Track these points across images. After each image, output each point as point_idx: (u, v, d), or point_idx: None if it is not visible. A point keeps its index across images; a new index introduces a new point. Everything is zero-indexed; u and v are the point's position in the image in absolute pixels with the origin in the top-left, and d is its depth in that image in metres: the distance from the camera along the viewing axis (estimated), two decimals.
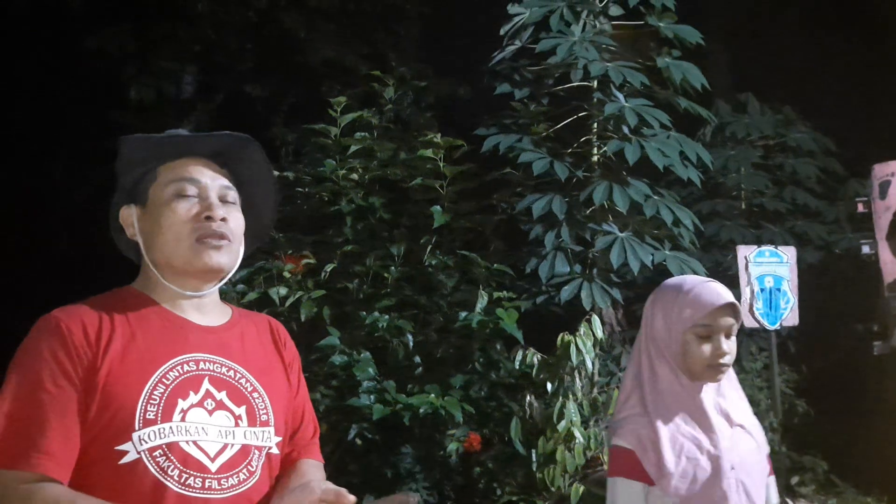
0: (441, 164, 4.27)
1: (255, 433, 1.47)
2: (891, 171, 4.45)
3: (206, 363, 1.47)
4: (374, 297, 4.09)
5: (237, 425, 1.45)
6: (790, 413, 5.41)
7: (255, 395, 1.51)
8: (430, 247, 4.24)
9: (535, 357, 3.79)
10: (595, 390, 3.96)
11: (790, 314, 4.66)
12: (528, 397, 3.80)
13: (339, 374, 3.84)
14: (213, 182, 1.52)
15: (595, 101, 4.49)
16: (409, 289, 4.22)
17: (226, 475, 1.41)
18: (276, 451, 1.51)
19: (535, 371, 3.78)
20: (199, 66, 8.82)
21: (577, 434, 3.64)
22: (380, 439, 3.82)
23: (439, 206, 4.21)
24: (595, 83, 4.47)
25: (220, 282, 1.55)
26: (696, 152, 4.44)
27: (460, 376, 3.92)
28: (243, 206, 1.58)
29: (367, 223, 4.35)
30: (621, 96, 4.36)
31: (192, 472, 1.37)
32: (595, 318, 3.76)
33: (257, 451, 1.47)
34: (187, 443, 1.38)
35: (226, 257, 1.50)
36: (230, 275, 1.55)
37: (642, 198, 4.21)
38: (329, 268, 4.07)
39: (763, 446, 1.92)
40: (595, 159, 4.57)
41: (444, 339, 4.14)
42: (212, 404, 1.44)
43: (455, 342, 4.12)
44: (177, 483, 1.36)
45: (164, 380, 1.41)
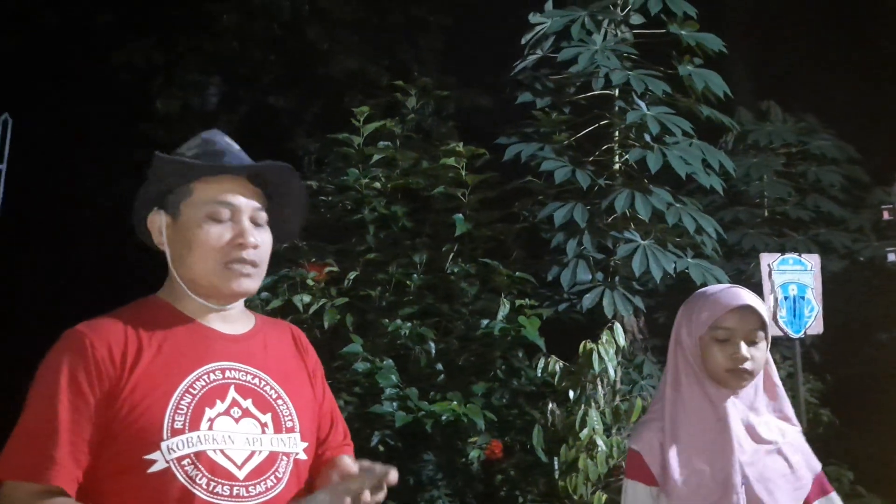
0: (463, 172, 4.30)
1: (281, 440, 1.49)
2: None
3: (232, 371, 1.49)
4: (397, 305, 4.11)
5: (263, 432, 1.47)
6: (814, 422, 5.36)
7: (280, 401, 1.52)
8: (451, 255, 4.26)
9: (556, 365, 3.79)
10: (617, 398, 3.94)
11: (814, 323, 4.61)
12: (550, 405, 3.80)
13: (361, 381, 3.86)
14: (247, 205, 1.53)
15: (617, 109, 4.49)
16: (431, 297, 4.23)
17: (253, 482, 1.42)
18: (303, 456, 1.53)
19: (557, 379, 3.78)
20: (223, 79, 8.93)
21: (600, 442, 3.63)
22: (402, 446, 3.83)
23: (461, 215, 4.23)
24: (616, 91, 4.47)
25: (241, 301, 1.58)
26: (718, 160, 4.43)
27: (482, 384, 3.92)
28: (271, 219, 1.58)
29: (389, 231, 4.38)
30: (643, 104, 4.36)
31: (219, 479, 1.39)
32: (617, 326, 3.75)
33: (284, 457, 1.48)
34: (214, 451, 1.40)
35: (254, 283, 1.53)
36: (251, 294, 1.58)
37: (664, 206, 4.21)
38: (352, 276, 4.11)
39: (800, 468, 1.85)
40: (617, 167, 4.57)
41: (466, 347, 4.15)
42: (238, 412, 1.46)
43: (477, 350, 4.13)
44: (205, 491, 1.38)
45: (191, 389, 1.43)
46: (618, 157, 4.59)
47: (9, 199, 9.55)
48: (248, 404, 1.47)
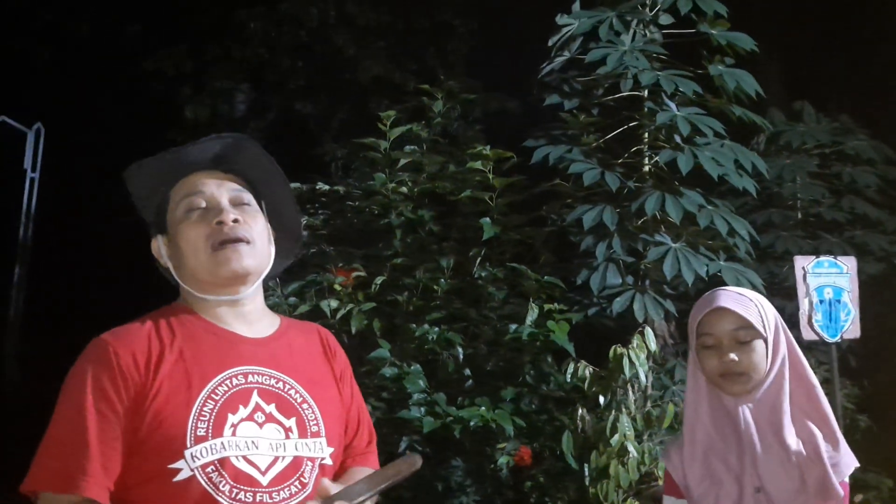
0: (490, 176, 4.27)
1: (306, 444, 1.46)
2: None
3: (255, 375, 1.47)
4: (424, 310, 4.09)
5: (287, 437, 1.45)
6: (852, 429, 5.24)
7: (305, 405, 1.50)
8: (479, 259, 4.23)
9: (586, 370, 3.74)
10: (648, 404, 3.89)
11: (851, 327, 4.50)
12: (580, 411, 3.75)
13: (389, 386, 3.85)
14: (220, 188, 1.52)
15: (646, 110, 4.43)
16: (459, 301, 4.21)
17: (277, 488, 1.40)
18: (329, 461, 1.50)
19: (587, 384, 3.73)
20: (251, 85, 9.01)
21: (631, 448, 3.57)
22: (430, 452, 3.81)
23: (488, 219, 4.20)
24: (646, 92, 4.42)
25: (255, 284, 1.53)
26: (751, 161, 4.34)
27: (511, 389, 3.88)
28: (267, 206, 1.58)
29: (416, 236, 4.36)
30: (673, 105, 4.30)
31: (243, 486, 1.38)
32: (648, 331, 3.70)
33: (310, 462, 1.46)
34: (237, 457, 1.38)
35: (249, 259, 1.49)
36: (264, 275, 1.53)
37: (696, 208, 4.13)
38: (379, 280, 4.09)
39: (815, 477, 1.73)
40: (646, 169, 4.51)
41: (494, 352, 4.12)
42: (262, 417, 1.44)
43: (505, 355, 4.09)
44: (228, 498, 1.36)
45: (213, 395, 1.41)
46: (647, 158, 4.52)
47: (41, 207, 9.70)
48: (271, 409, 1.45)
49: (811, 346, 5.14)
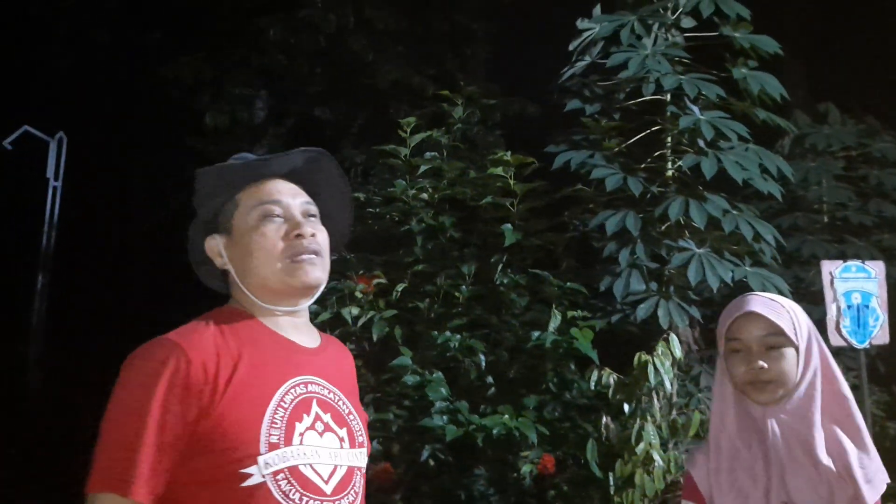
0: (511, 181, 4.24)
1: (355, 454, 1.50)
2: None
3: (312, 385, 1.48)
4: (446, 317, 4.06)
5: (341, 447, 1.47)
6: (881, 436, 5.16)
7: (351, 417, 1.53)
8: (500, 265, 4.20)
9: (611, 377, 3.70)
10: (674, 412, 3.83)
11: (880, 332, 4.43)
12: (605, 419, 3.70)
13: (411, 394, 3.82)
14: (295, 199, 1.54)
15: (669, 114, 4.39)
16: (481, 308, 4.18)
17: (338, 497, 1.43)
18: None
19: (611, 392, 3.68)
20: (270, 92, 9.03)
21: (657, 457, 3.52)
22: (453, 461, 3.78)
23: (510, 225, 4.17)
24: (668, 96, 4.37)
25: (314, 297, 1.55)
26: (776, 165, 4.28)
27: (533, 397, 3.84)
28: (321, 214, 1.59)
29: (437, 242, 4.34)
30: (696, 109, 4.25)
31: (311, 494, 1.39)
32: (673, 337, 3.64)
33: (358, 472, 1.49)
34: (305, 466, 1.40)
35: (320, 271, 1.51)
36: (322, 288, 1.55)
37: (720, 213, 4.08)
38: (400, 287, 4.07)
39: (845, 495, 1.67)
40: (669, 174, 4.46)
41: (517, 359, 4.08)
42: (321, 426, 1.45)
43: (527, 362, 4.06)
44: None
45: (282, 403, 1.42)
46: (670, 163, 4.48)
47: (64, 215, 9.79)
48: (328, 419, 1.47)
49: (839, 351, 5.06)
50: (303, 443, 1.41)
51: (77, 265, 9.65)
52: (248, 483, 1.35)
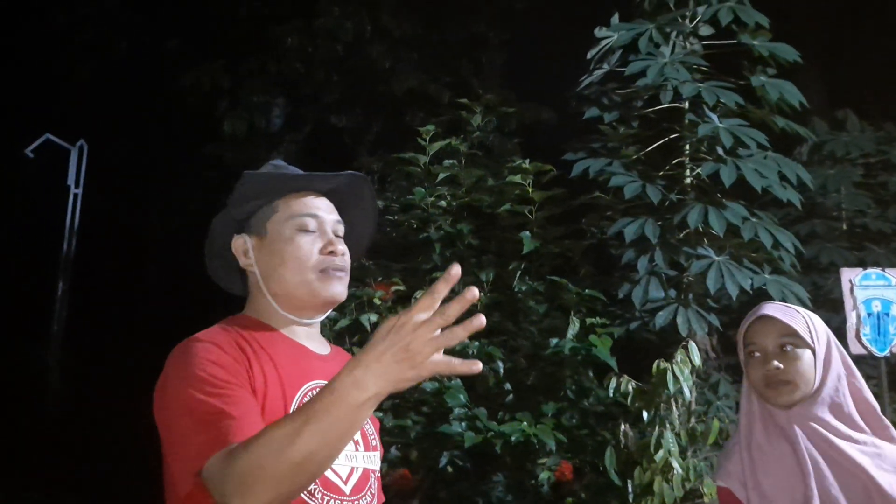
0: (529, 189, 4.25)
1: (370, 457, 1.53)
2: None
3: None
4: None
5: (356, 450, 1.50)
6: None
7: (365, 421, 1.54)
8: (519, 273, 4.21)
9: (629, 385, 3.70)
10: (693, 419, 3.83)
11: None
12: (623, 426, 3.70)
13: (429, 400, 3.83)
14: (329, 217, 1.58)
15: (687, 122, 4.38)
16: (499, 315, 4.18)
17: (356, 497, 1.46)
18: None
19: (629, 399, 3.68)
20: (287, 99, 9.09)
21: (675, 465, 3.51)
22: (471, 467, 3.78)
23: (528, 232, 4.18)
24: (687, 104, 4.37)
25: (328, 312, 1.61)
26: (795, 172, 4.27)
27: (552, 404, 3.85)
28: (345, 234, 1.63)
29: (455, 250, 4.35)
30: (715, 117, 4.25)
31: (331, 494, 1.42)
32: (692, 345, 3.64)
33: (374, 474, 1.53)
34: None
35: (344, 288, 1.56)
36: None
37: (739, 220, 4.07)
38: (418, 294, 4.08)
39: (880, 495, 1.67)
40: (688, 181, 4.46)
41: (535, 366, 4.08)
42: None
43: (545, 369, 4.06)
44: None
45: (302, 404, 1.43)
46: (689, 170, 4.47)
47: (84, 222, 9.88)
48: None
49: (859, 359, 5.01)
50: None
51: (97, 271, 9.73)
52: None
